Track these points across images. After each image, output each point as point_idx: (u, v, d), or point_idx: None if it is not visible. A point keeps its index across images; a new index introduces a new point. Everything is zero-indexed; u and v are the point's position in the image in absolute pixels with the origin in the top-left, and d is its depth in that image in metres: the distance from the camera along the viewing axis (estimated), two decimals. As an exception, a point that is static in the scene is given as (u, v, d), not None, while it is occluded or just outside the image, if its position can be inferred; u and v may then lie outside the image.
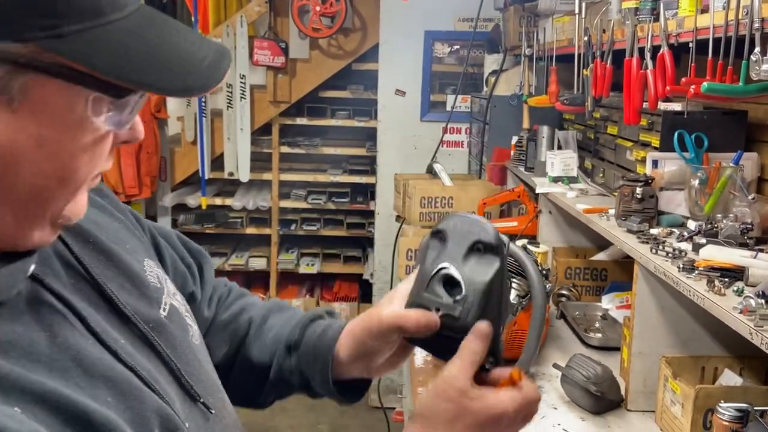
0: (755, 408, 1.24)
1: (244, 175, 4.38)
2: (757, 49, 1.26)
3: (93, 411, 0.55)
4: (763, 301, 1.15)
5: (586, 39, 2.13)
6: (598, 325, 2.14)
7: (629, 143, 2.10)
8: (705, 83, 1.39)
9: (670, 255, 1.51)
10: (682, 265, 1.42)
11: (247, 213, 4.57)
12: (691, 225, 1.68)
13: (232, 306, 0.97)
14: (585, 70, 2.15)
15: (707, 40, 1.44)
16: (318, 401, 1.13)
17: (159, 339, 0.69)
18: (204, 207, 4.47)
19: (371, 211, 4.39)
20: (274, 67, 4.23)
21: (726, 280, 1.32)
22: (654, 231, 1.72)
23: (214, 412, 0.72)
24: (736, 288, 1.29)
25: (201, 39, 0.59)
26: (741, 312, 1.16)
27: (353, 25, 4.26)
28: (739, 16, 1.32)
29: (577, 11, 2.15)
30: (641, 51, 1.73)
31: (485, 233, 0.75)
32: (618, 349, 1.82)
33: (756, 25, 1.27)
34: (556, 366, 1.70)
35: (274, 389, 0.93)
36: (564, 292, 2.32)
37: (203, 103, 4.21)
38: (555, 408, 1.66)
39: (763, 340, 1.08)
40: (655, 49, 1.65)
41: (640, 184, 1.79)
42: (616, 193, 1.90)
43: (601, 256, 2.39)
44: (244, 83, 4.18)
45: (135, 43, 0.53)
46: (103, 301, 0.66)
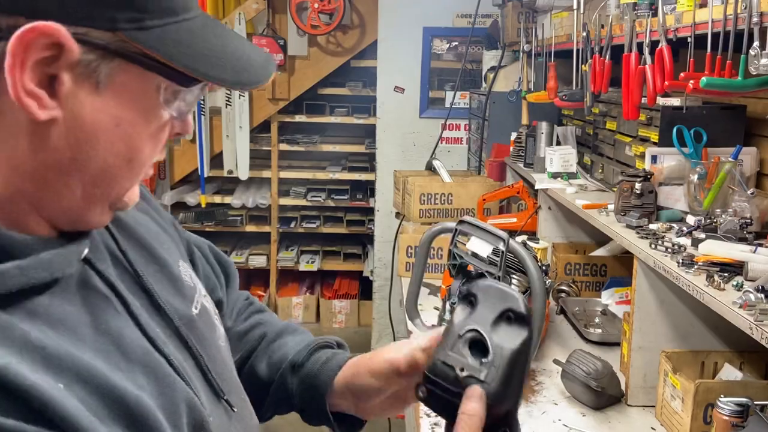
0: (755, 402, 1.24)
1: (244, 172, 4.38)
2: (755, 43, 1.26)
3: (129, 394, 0.58)
4: (762, 295, 1.15)
5: (584, 34, 2.13)
6: (597, 320, 2.14)
7: (628, 139, 2.10)
8: (704, 78, 1.39)
9: (670, 250, 1.51)
10: (681, 260, 1.42)
11: (247, 211, 4.57)
12: (690, 220, 1.68)
13: (249, 319, 1.01)
14: (583, 66, 2.15)
15: (706, 35, 1.44)
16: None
17: (190, 334, 0.72)
18: (203, 205, 4.47)
19: (371, 208, 4.39)
20: (273, 65, 4.23)
21: (725, 274, 1.32)
22: (653, 226, 1.72)
23: (236, 410, 0.75)
24: (735, 283, 1.29)
25: (250, 44, 0.67)
26: (740, 307, 1.16)
27: (352, 22, 4.25)
28: (738, 11, 1.32)
29: (575, 6, 2.15)
30: (640, 46, 1.72)
31: (517, 303, 0.75)
32: (618, 344, 1.82)
33: (755, 19, 1.27)
34: (556, 362, 1.70)
35: (274, 405, 0.95)
36: (564, 287, 2.32)
37: (202, 101, 4.21)
38: (555, 404, 1.66)
39: (763, 335, 1.08)
40: (653, 44, 1.65)
41: (639, 180, 1.79)
42: (615, 189, 1.90)
43: (600, 252, 2.39)
44: (243, 81, 4.18)
45: (201, 40, 0.61)
46: (143, 293, 0.70)
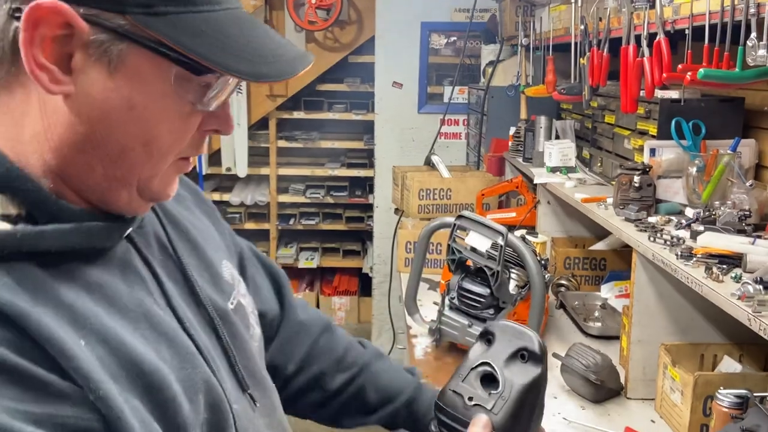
0: (755, 394, 1.24)
1: (242, 170, 4.38)
2: (753, 34, 1.26)
3: (147, 361, 0.61)
4: (760, 287, 1.15)
5: (582, 27, 2.13)
6: (597, 314, 2.14)
7: (627, 132, 2.10)
8: (701, 70, 1.38)
9: (668, 243, 1.50)
10: (680, 253, 1.41)
11: (246, 208, 4.57)
12: (689, 212, 1.68)
13: (337, 335, 1.08)
14: (582, 59, 2.15)
15: (703, 27, 1.44)
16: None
17: (223, 327, 0.76)
18: (202, 202, 4.46)
19: (370, 205, 4.39)
20: (271, 61, 4.22)
21: (724, 266, 1.32)
22: (652, 219, 1.72)
23: (258, 405, 0.78)
24: (734, 274, 1.28)
25: (287, 42, 0.68)
26: (739, 298, 1.16)
27: (349, 18, 4.24)
28: (735, 2, 1.32)
29: (573, 0, 2.14)
30: (638, 39, 1.72)
31: (531, 342, 0.78)
32: (617, 338, 1.82)
33: (752, 10, 1.26)
34: (555, 355, 1.70)
35: (354, 418, 1.05)
36: (563, 281, 2.32)
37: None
38: (555, 397, 1.66)
39: (761, 326, 1.08)
40: (651, 37, 1.65)
41: (637, 173, 1.79)
42: (614, 182, 1.90)
43: (599, 246, 2.38)
44: (241, 77, 4.18)
45: (219, 30, 0.61)
46: (183, 281, 0.75)
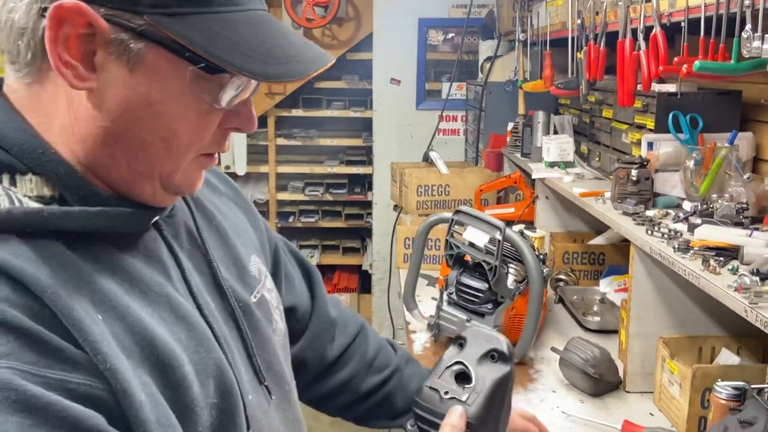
0: (752, 386, 1.24)
1: (241, 168, 4.38)
2: (748, 26, 1.25)
3: (161, 340, 0.65)
4: (757, 278, 1.15)
5: (579, 22, 2.12)
6: (596, 308, 2.14)
7: (624, 126, 2.10)
8: (697, 62, 1.38)
9: (666, 236, 1.50)
10: (677, 246, 1.41)
11: (245, 206, 4.57)
12: (687, 206, 1.68)
13: (370, 338, 1.14)
14: (579, 54, 2.15)
15: (699, 19, 1.43)
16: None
17: (244, 319, 0.79)
18: (202, 201, 4.46)
19: (369, 202, 4.39)
20: (269, 59, 4.22)
21: (721, 259, 1.32)
22: (650, 213, 1.72)
23: (273, 398, 0.81)
24: (731, 267, 1.28)
25: (304, 42, 0.68)
26: (736, 290, 1.16)
27: (347, 15, 4.24)
28: (731, -6, 1.32)
29: (569, -6, 2.14)
30: (634, 32, 1.72)
31: (500, 344, 0.85)
32: (616, 332, 1.82)
33: (747, 2, 1.26)
34: (554, 350, 1.71)
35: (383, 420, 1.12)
36: (562, 276, 2.32)
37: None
38: (554, 391, 1.66)
39: (758, 317, 1.08)
40: (648, 30, 1.64)
41: (635, 167, 1.79)
42: (612, 177, 1.90)
43: (598, 240, 2.38)
44: (239, 75, 4.17)
45: (234, 31, 0.63)
46: (209, 272, 0.78)
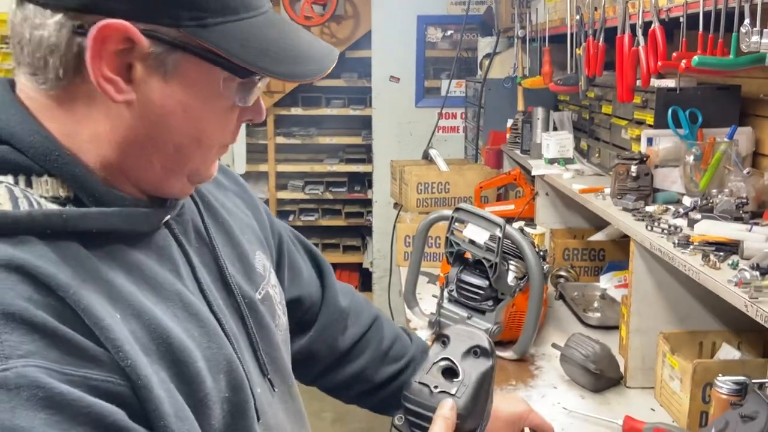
0: (753, 380, 1.24)
1: (240, 167, 4.38)
2: (746, 21, 1.25)
3: (175, 336, 0.67)
4: (757, 273, 1.15)
5: (578, 18, 2.12)
6: (596, 304, 2.15)
7: (624, 122, 2.10)
8: (696, 57, 1.38)
9: (666, 231, 1.51)
10: (677, 241, 1.42)
11: (245, 205, 4.57)
12: (687, 201, 1.68)
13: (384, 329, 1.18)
14: (578, 50, 2.14)
15: (698, 14, 1.43)
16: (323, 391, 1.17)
17: (249, 314, 0.81)
18: (202, 200, 4.46)
19: (369, 200, 4.39)
20: (267, 57, 4.21)
21: (721, 254, 1.32)
22: (649, 208, 1.72)
23: (276, 391, 0.84)
24: (731, 262, 1.28)
25: (314, 40, 0.74)
26: (736, 285, 1.16)
27: (345, 12, 4.24)
28: (729, -11, 1.32)
29: (568, -10, 2.14)
30: (633, 28, 1.72)
31: (482, 340, 0.89)
32: (617, 327, 1.82)
33: (745, -4, 1.26)
34: (554, 346, 1.71)
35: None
36: (562, 273, 2.32)
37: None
38: (555, 387, 1.66)
39: (758, 312, 1.08)
40: (646, 26, 1.65)
41: (634, 162, 1.79)
42: (611, 173, 1.90)
43: (598, 236, 2.38)
44: (238, 74, 4.17)
45: (259, 36, 0.68)
46: (216, 269, 0.80)
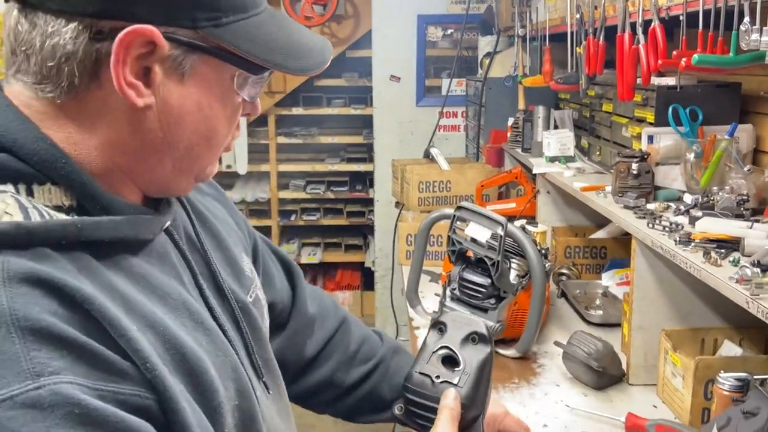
0: (755, 377, 1.24)
1: (242, 167, 4.38)
2: (746, 19, 1.26)
3: (188, 346, 0.66)
4: (758, 270, 1.15)
5: (578, 16, 2.13)
6: (598, 302, 2.15)
7: (624, 120, 2.10)
8: (695, 55, 1.39)
9: (667, 229, 1.51)
10: (678, 238, 1.42)
11: (247, 205, 4.58)
12: (688, 199, 1.69)
13: (350, 329, 1.16)
14: (578, 48, 2.15)
15: (698, 13, 1.44)
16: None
17: (243, 318, 0.81)
18: (203, 200, 4.47)
19: (370, 199, 4.40)
20: (268, 58, 4.22)
21: (722, 251, 1.32)
22: (651, 206, 1.72)
23: (270, 393, 0.85)
24: (732, 259, 1.29)
25: (310, 32, 0.76)
26: (737, 281, 1.17)
27: (346, 12, 4.24)
28: (729, -13, 1.32)
29: (568, -11, 2.14)
30: (633, 26, 1.72)
31: (479, 327, 0.90)
32: (619, 325, 1.83)
33: (745, -6, 1.27)
34: (557, 344, 1.71)
35: (369, 414, 1.13)
36: (564, 271, 2.33)
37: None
38: (557, 385, 1.67)
39: (759, 308, 1.09)
40: (646, 24, 1.65)
41: (635, 160, 1.79)
42: (612, 170, 1.90)
43: (600, 234, 2.39)
44: (239, 75, 4.18)
45: (267, 32, 0.70)
46: (209, 274, 0.80)
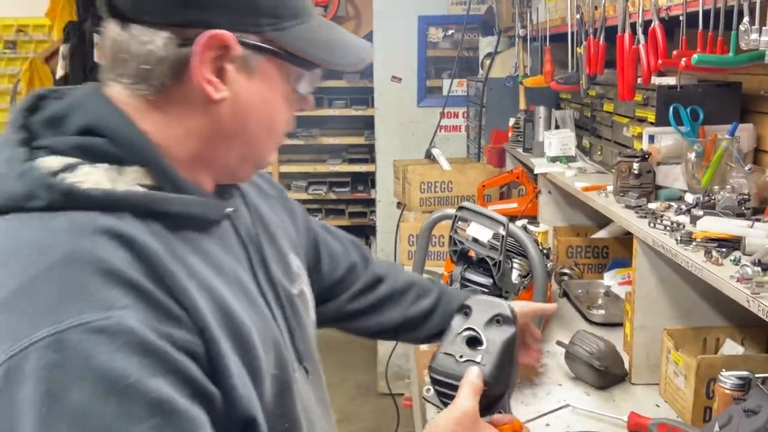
0: (756, 375, 1.25)
1: (244, 168, 4.39)
2: (745, 18, 1.26)
3: (236, 311, 0.77)
4: (759, 268, 1.16)
5: (578, 17, 2.13)
6: (600, 302, 2.15)
7: (625, 120, 2.11)
8: (696, 55, 1.39)
9: (668, 228, 1.51)
10: (679, 238, 1.42)
11: (249, 206, 4.59)
12: (689, 198, 1.69)
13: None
14: (578, 49, 2.15)
15: (697, 13, 1.44)
16: (329, 391, 1.20)
17: (288, 305, 0.92)
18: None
19: (372, 200, 4.40)
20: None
21: (723, 250, 1.33)
22: (652, 206, 1.73)
23: (310, 377, 0.94)
24: (733, 258, 1.29)
25: (353, 35, 0.89)
26: (738, 280, 1.17)
27: (347, 14, 4.25)
28: (728, -13, 1.33)
29: (568, -11, 2.15)
30: (633, 26, 1.73)
31: (504, 308, 0.94)
32: (621, 324, 1.83)
33: (744, -6, 1.27)
34: (559, 343, 1.72)
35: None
36: (566, 270, 2.33)
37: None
38: (560, 384, 1.67)
39: (759, 307, 1.09)
40: (646, 24, 1.65)
41: (636, 160, 1.80)
42: (614, 170, 1.91)
43: (601, 234, 2.39)
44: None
45: (319, 35, 0.83)
46: (261, 262, 0.90)
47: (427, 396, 0.94)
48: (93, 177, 0.73)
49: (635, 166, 1.78)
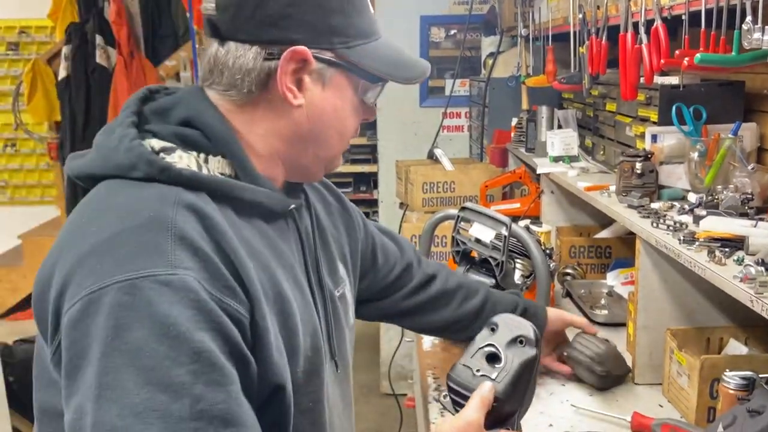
0: (760, 375, 1.24)
1: (247, 168, 4.40)
2: (748, 18, 1.26)
3: (286, 291, 0.90)
4: (762, 268, 1.15)
5: (580, 16, 2.13)
6: (603, 302, 2.15)
7: (628, 119, 2.10)
8: (698, 54, 1.39)
9: (671, 228, 1.51)
10: (683, 238, 1.42)
11: (252, 206, 4.59)
12: (692, 198, 1.69)
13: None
14: (581, 48, 2.15)
15: (700, 12, 1.44)
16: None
17: (330, 304, 1.03)
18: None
19: (375, 200, 4.40)
20: (272, 60, 4.23)
21: (726, 250, 1.32)
22: (655, 205, 1.72)
23: (339, 372, 1.04)
24: (736, 257, 1.29)
25: (409, 52, 1.02)
26: (741, 280, 1.17)
27: (348, 14, 4.24)
28: (731, -14, 1.32)
29: (570, -11, 2.15)
30: (635, 26, 1.72)
31: (528, 331, 0.97)
32: (624, 324, 1.82)
33: (747, -7, 1.27)
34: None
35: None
36: (569, 270, 2.33)
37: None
38: (563, 385, 1.67)
39: (763, 307, 1.09)
40: (649, 23, 1.65)
41: (639, 159, 1.79)
42: (616, 170, 1.90)
43: (604, 234, 2.39)
44: (243, 77, 4.19)
45: (383, 52, 0.96)
46: (313, 261, 1.01)
47: (444, 402, 1.00)
48: (185, 160, 0.87)
49: (638, 165, 1.78)
